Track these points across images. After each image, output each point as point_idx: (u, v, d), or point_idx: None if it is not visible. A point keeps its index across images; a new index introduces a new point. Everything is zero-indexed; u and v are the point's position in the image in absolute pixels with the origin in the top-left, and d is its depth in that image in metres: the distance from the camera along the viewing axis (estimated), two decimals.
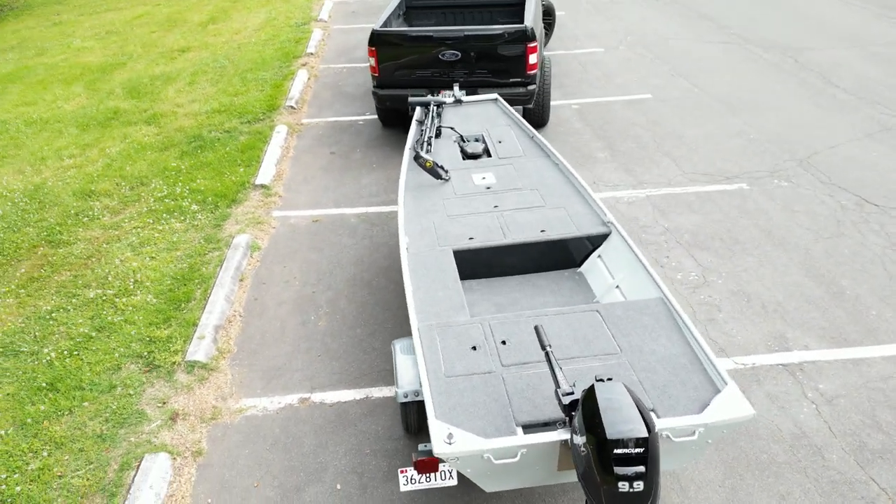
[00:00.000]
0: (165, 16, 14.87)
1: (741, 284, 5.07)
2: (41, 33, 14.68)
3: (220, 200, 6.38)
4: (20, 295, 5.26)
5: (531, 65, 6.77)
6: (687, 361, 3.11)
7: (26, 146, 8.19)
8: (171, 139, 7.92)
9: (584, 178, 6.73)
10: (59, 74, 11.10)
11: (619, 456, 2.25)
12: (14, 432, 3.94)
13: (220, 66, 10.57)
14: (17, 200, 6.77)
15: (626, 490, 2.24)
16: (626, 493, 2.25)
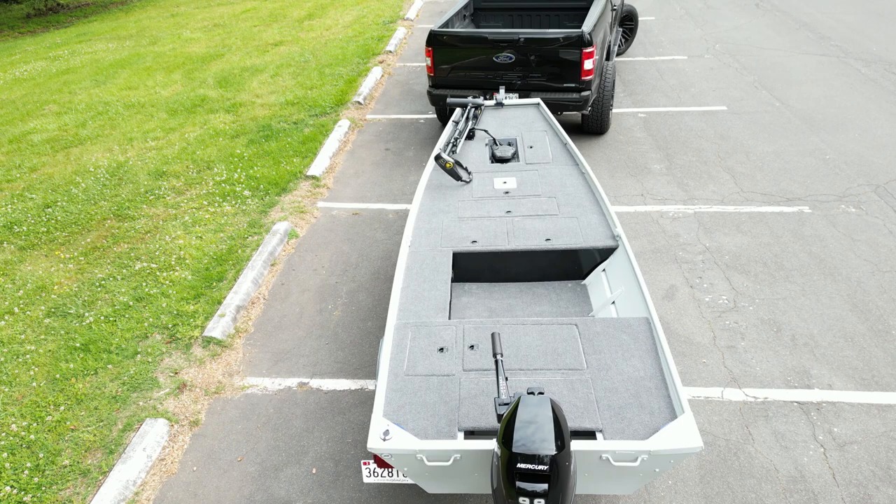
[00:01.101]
0: (269, 11, 15.67)
1: (774, 313, 4.77)
2: (158, 24, 15.87)
3: (271, 188, 6.70)
4: (81, 262, 5.77)
5: (586, 70, 6.64)
6: (652, 385, 2.99)
7: (120, 127, 8.92)
8: (243, 127, 8.38)
9: (632, 190, 6.53)
10: (164, 62, 11.98)
11: (522, 471, 2.22)
12: (45, 385, 4.36)
13: (304, 60, 11.04)
14: (100, 176, 7.41)
15: None
16: None
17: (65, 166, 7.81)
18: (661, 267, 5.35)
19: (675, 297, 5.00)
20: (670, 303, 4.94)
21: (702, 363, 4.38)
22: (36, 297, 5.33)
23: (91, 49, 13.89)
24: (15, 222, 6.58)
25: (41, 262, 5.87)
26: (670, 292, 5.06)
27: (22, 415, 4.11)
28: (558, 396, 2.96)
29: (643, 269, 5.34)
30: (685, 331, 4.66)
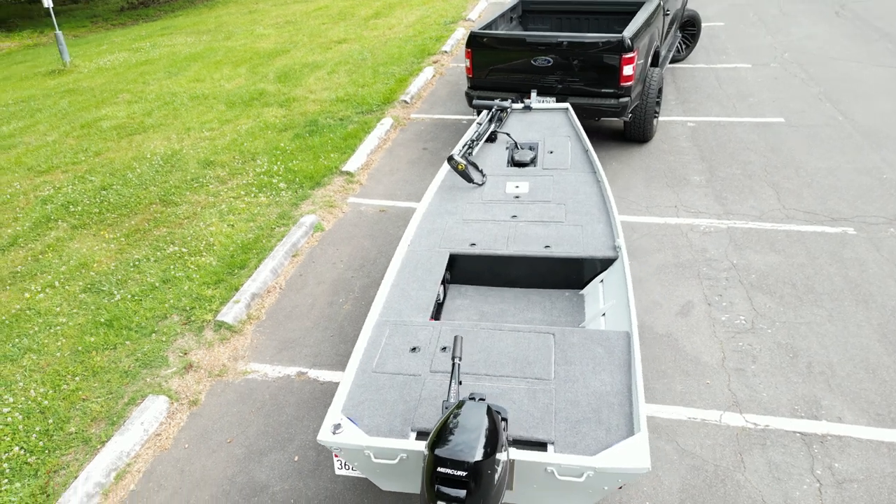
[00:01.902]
0: (339, 9, 16.06)
1: (793, 338, 4.54)
2: (236, 20, 16.55)
3: (306, 182, 6.90)
4: (122, 243, 6.13)
5: (626, 76, 6.48)
6: (616, 401, 2.92)
7: (182, 117, 9.38)
8: (292, 122, 8.65)
9: (665, 201, 6.34)
10: (234, 57, 12.49)
11: (442, 475, 2.22)
12: (68, 356, 4.66)
13: (362, 58, 11.27)
14: (155, 162, 7.82)
15: None
16: None
17: (126, 152, 8.28)
18: (680, 282, 5.18)
19: (690, 314, 4.83)
20: (683, 319, 4.78)
21: (705, 384, 4.22)
22: (77, 273, 5.69)
23: (171, 42, 14.64)
24: (72, 202, 7.04)
25: (88, 240, 6.26)
26: (686, 309, 4.89)
27: (43, 382, 4.42)
28: (517, 405, 2.93)
29: (662, 282, 5.18)
30: (693, 349, 4.49)
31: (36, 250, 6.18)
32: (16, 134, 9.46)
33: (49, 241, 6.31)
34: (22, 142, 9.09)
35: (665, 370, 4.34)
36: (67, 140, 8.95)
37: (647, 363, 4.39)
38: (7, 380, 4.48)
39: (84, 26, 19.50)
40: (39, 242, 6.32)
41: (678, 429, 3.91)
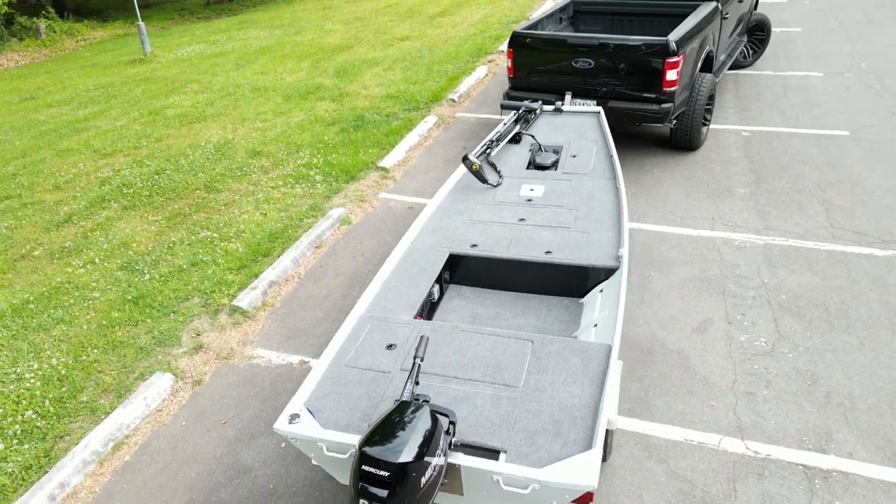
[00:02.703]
0: (408, 7, 16.23)
1: (816, 364, 4.26)
2: (309, 15, 17.01)
3: (341, 175, 7.01)
4: (162, 225, 6.42)
5: (669, 81, 6.25)
6: (579, 415, 2.83)
7: (240, 108, 9.73)
8: (341, 116, 8.81)
9: (703, 213, 6.08)
10: (300, 51, 12.84)
11: (365, 472, 2.22)
12: (93, 329, 4.92)
13: (419, 56, 11.35)
14: (207, 150, 8.14)
15: None
16: None
17: (184, 139, 8.66)
18: (703, 298, 4.95)
19: (707, 332, 4.61)
20: (698, 337, 4.57)
21: (709, 405, 4.02)
22: (117, 252, 6.00)
23: (245, 36, 15.20)
24: (127, 184, 7.42)
25: (134, 221, 6.59)
26: (703, 326, 4.68)
27: (66, 352, 4.69)
28: (478, 410, 2.89)
29: (684, 297, 4.98)
30: (704, 369, 4.29)
31: (86, 228, 6.55)
32: (89, 118, 10.06)
33: (100, 220, 6.68)
34: (93, 125, 9.66)
35: (669, 388, 4.17)
36: (134, 126, 9.45)
37: (652, 380, 4.23)
38: (37, 348, 4.78)
39: (172, 19, 20.51)
40: (91, 221, 6.70)
41: (672, 450, 3.75)
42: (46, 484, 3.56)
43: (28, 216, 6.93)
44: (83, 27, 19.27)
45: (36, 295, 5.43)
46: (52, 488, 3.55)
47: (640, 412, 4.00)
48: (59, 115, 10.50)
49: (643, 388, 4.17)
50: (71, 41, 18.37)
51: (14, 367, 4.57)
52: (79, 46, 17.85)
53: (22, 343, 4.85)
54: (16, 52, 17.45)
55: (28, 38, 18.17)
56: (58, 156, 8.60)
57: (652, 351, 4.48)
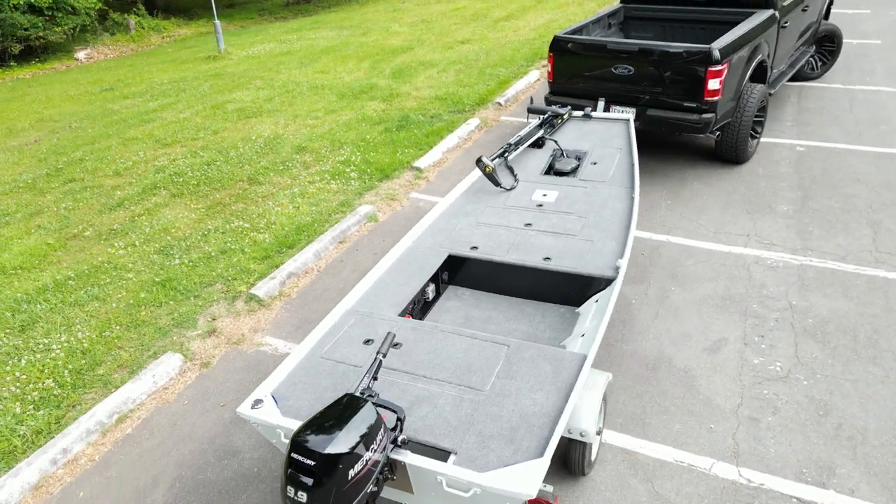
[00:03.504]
0: (475, 11, 16.29)
1: (831, 394, 4.02)
2: (379, 17, 17.33)
3: (376, 174, 7.12)
4: (202, 213, 6.70)
5: (710, 91, 6.03)
6: (537, 423, 2.78)
7: (296, 105, 10.03)
8: (387, 116, 8.95)
9: (738, 229, 5.83)
10: (362, 52, 13.11)
11: (294, 459, 2.26)
12: (122, 308, 5.20)
13: (475, 59, 11.37)
14: (257, 144, 8.44)
15: (291, 494, 2.25)
16: (291, 497, 2.25)
17: (238, 133, 9.01)
18: (722, 316, 4.75)
19: (719, 352, 4.42)
20: (709, 356, 4.39)
21: (708, 427, 3.86)
22: (157, 236, 6.31)
23: (314, 36, 15.65)
24: (179, 173, 7.79)
25: (179, 208, 6.91)
26: (717, 345, 4.49)
27: (94, 327, 4.97)
28: (437, 410, 2.88)
29: (702, 314, 4.79)
30: (709, 390, 4.12)
31: (135, 212, 6.92)
32: (158, 110, 10.60)
33: (148, 206, 7.04)
34: (160, 117, 10.18)
35: (668, 406, 4.02)
36: (196, 118, 9.90)
37: (652, 396, 4.09)
38: (69, 321, 5.09)
39: (252, 18, 21.34)
40: (140, 206, 7.07)
41: (659, 470, 3.62)
42: (50, 449, 3.79)
43: (86, 199, 7.38)
44: (169, 24, 20.33)
45: (78, 272, 5.77)
46: (55, 453, 3.78)
47: (633, 429, 3.88)
48: (132, 106, 11.12)
49: (641, 405, 4.05)
50: (157, 37, 19.41)
51: (45, 338, 4.88)
52: (163, 42, 18.84)
53: (57, 316, 5.17)
54: (106, 45, 18.59)
55: (119, 34, 19.31)
56: (123, 144, 9.11)
57: (657, 367, 4.33)
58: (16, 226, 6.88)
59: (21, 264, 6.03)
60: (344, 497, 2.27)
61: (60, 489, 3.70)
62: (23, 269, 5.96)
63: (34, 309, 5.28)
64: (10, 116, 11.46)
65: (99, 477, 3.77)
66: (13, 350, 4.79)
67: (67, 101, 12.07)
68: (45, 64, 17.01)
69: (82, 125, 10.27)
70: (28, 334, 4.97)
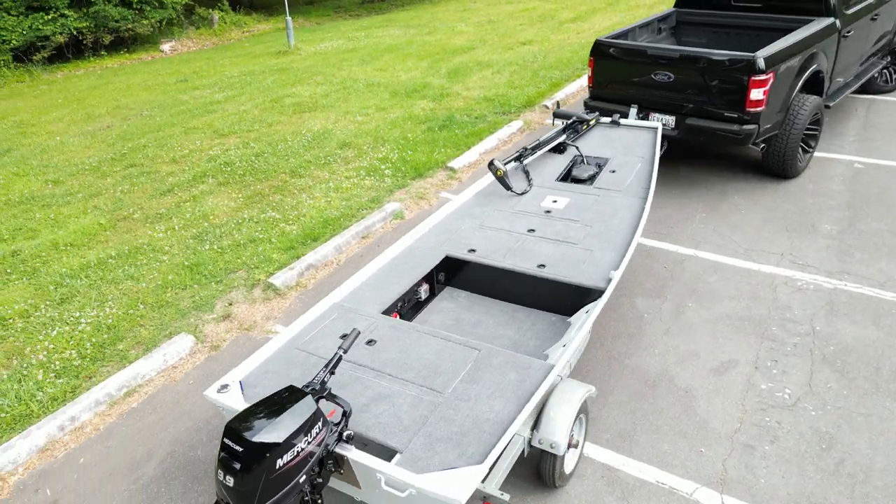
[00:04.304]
0: (543, 12, 16.14)
1: (839, 428, 3.79)
2: (447, 16, 17.44)
3: (410, 172, 7.20)
4: (241, 202, 6.97)
5: (753, 101, 5.77)
6: (488, 429, 2.77)
7: (349, 101, 10.26)
8: (433, 116, 9.01)
9: (774, 247, 5.56)
10: (424, 51, 13.24)
11: (226, 445, 2.34)
12: (151, 288, 5.48)
13: (532, 60, 11.28)
14: (306, 138, 8.69)
15: (220, 478, 2.34)
16: (221, 480, 2.34)
17: (290, 126, 9.30)
18: (736, 337, 4.56)
19: (726, 374, 4.25)
20: (714, 377, 4.22)
21: (698, 451, 3.72)
22: (196, 222, 6.61)
23: (382, 34, 15.91)
24: (229, 163, 8.12)
25: (222, 197, 7.21)
26: (725, 367, 4.31)
27: (123, 304, 5.26)
28: (394, 408, 2.91)
29: (715, 333, 4.61)
30: (707, 412, 3.97)
31: (182, 198, 7.26)
32: (222, 101, 11.07)
33: (195, 193, 7.37)
34: (222, 108, 10.62)
35: (660, 426, 3.90)
36: (255, 111, 10.27)
37: (645, 414, 3.98)
38: (103, 297, 5.41)
39: (327, 15, 21.91)
40: (188, 192, 7.41)
41: (638, 490, 3.52)
42: (60, 415, 4.06)
43: (141, 183, 7.80)
44: (250, 20, 21.14)
45: (119, 252, 6.12)
46: (64, 420, 4.04)
47: (619, 445, 3.79)
48: (200, 97, 11.65)
49: (632, 421, 3.94)
50: (237, 32, 20.22)
51: (78, 312, 5.20)
52: (242, 37, 19.60)
53: (94, 292, 5.50)
54: (190, 38, 19.52)
55: (203, 27, 20.24)
56: (184, 133, 9.56)
57: (657, 384, 4.20)
58: (76, 205, 7.34)
59: (73, 241, 6.44)
60: (273, 484, 2.34)
61: (64, 454, 3.95)
62: (73, 246, 6.36)
63: (75, 284, 5.63)
64: (92, 103, 12.22)
65: (100, 446, 4.00)
66: (48, 321, 5.14)
67: (144, 91, 12.76)
68: (132, 54, 18.03)
69: (152, 113, 10.84)
70: (65, 307, 5.31)
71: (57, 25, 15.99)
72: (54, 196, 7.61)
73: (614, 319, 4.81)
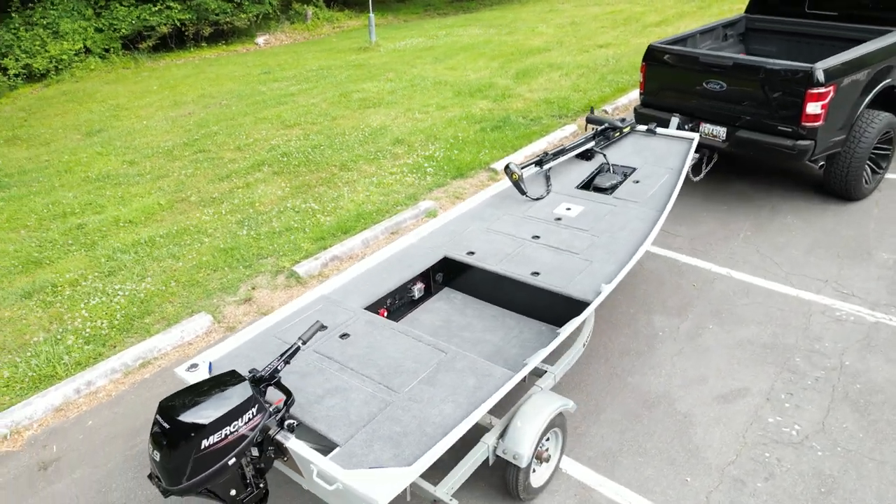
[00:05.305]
0: (629, 14, 15.69)
1: (844, 472, 3.51)
2: (531, 16, 17.29)
3: (452, 171, 7.20)
4: (287, 192, 7.21)
5: (809, 115, 5.40)
6: (430, 432, 2.75)
7: (413, 98, 10.38)
8: (490, 116, 8.97)
9: (818, 273, 5.19)
10: (498, 51, 13.19)
11: (156, 420, 2.45)
12: (187, 267, 5.78)
13: (604, 64, 11.00)
14: (363, 133, 8.87)
15: (150, 452, 2.45)
16: (150, 454, 2.45)
17: (352, 121, 9.52)
18: (753, 365, 4.29)
19: (733, 403, 4.01)
20: (719, 405, 4.00)
21: (683, 480, 3.54)
22: (243, 208, 6.90)
23: (462, 33, 15.97)
24: (287, 153, 8.42)
25: (272, 185, 7.49)
26: (733, 395, 4.07)
27: (159, 281, 5.58)
28: (346, 403, 2.94)
29: (730, 359, 4.37)
30: (703, 440, 3.76)
31: (236, 185, 7.60)
32: (295, 94, 11.47)
33: (249, 180, 7.70)
34: (294, 100, 11.01)
35: (648, 449, 3.73)
36: (322, 104, 10.59)
37: (635, 435, 3.82)
38: (144, 273, 5.75)
39: (416, 13, 22.21)
40: (243, 179, 7.75)
41: None
42: (78, 379, 4.36)
43: (204, 168, 8.22)
44: (342, 15, 21.76)
45: (169, 231, 6.48)
46: (81, 384, 4.34)
47: (601, 465, 3.66)
48: (277, 89, 12.12)
49: (620, 441, 3.79)
50: (328, 28, 20.87)
51: (119, 285, 5.56)
52: (332, 33, 20.22)
53: (137, 267, 5.86)
54: (284, 32, 20.33)
55: (297, 22, 21.03)
56: (254, 122, 9.99)
57: (655, 406, 4.02)
58: (143, 185, 7.84)
59: (132, 218, 6.88)
60: (199, 463, 2.42)
61: (76, 415, 4.24)
62: (131, 223, 6.80)
63: (123, 258, 6.01)
64: (182, 91, 12.97)
65: (108, 411, 4.27)
66: (92, 291, 5.52)
67: (230, 81, 13.41)
68: (229, 46, 18.98)
69: (230, 102, 11.39)
70: (109, 279, 5.69)
71: (162, 17, 17.06)
72: (127, 175, 8.14)
73: (626, 335, 4.64)
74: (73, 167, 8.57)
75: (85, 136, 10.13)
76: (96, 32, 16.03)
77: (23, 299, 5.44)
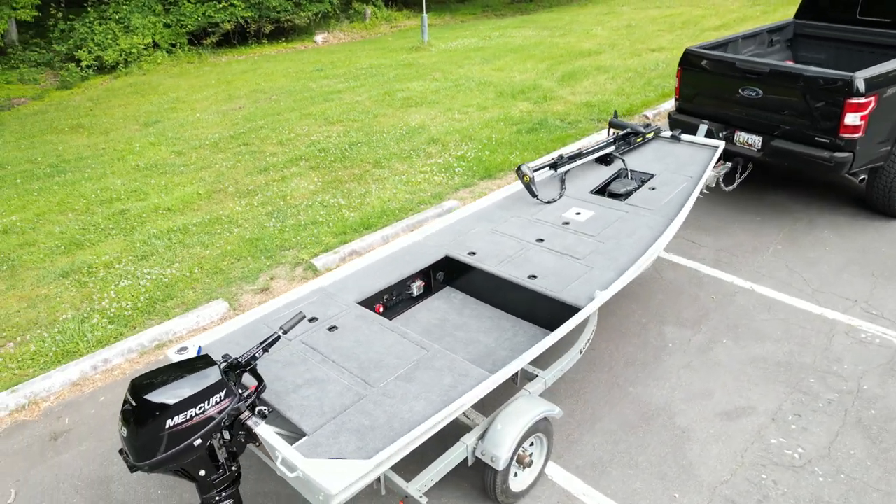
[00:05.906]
0: (688, 18, 15.29)
1: (845, 501, 3.34)
2: (588, 18, 17.07)
3: (480, 172, 7.19)
4: (319, 186, 7.35)
5: (848, 126, 5.15)
6: (398, 427, 2.77)
7: (456, 99, 10.41)
8: (528, 118, 8.91)
9: (849, 292, 4.95)
10: (548, 53, 13.08)
11: (126, 398, 2.55)
12: (214, 255, 5.97)
13: (652, 68, 10.76)
14: (401, 131, 8.96)
15: (119, 428, 2.55)
16: (119, 430, 2.55)
17: (392, 119, 9.63)
18: (764, 383, 4.13)
19: (736, 421, 3.87)
20: (720, 423, 3.86)
21: (671, 496, 3.44)
22: (274, 200, 7.08)
23: (515, 34, 15.91)
24: (325, 149, 8.58)
25: (306, 180, 7.65)
26: (737, 413, 3.93)
27: (185, 267, 5.78)
28: (321, 393, 2.99)
29: (740, 376, 4.22)
30: (698, 458, 3.65)
31: (272, 178, 7.80)
32: (342, 91, 11.68)
33: (285, 174, 7.88)
34: (340, 97, 11.21)
35: (640, 462, 3.64)
36: (366, 102, 10.74)
37: (628, 447, 3.73)
38: (173, 259, 5.97)
39: (473, 13, 22.24)
40: (279, 173, 7.94)
41: None
42: (97, 356, 4.57)
43: (245, 161, 8.46)
44: (400, 15, 21.99)
45: (202, 220, 6.71)
46: (98, 361, 4.54)
47: (588, 474, 3.59)
48: (326, 86, 12.36)
49: (611, 452, 3.71)
50: (386, 27, 21.13)
51: (149, 269, 5.79)
52: (389, 32, 20.46)
53: (168, 253, 6.09)
54: (342, 31, 20.70)
55: (356, 21, 21.38)
56: (299, 118, 10.22)
57: (653, 418, 3.92)
58: (186, 175, 8.13)
59: (172, 206, 7.15)
60: (164, 441, 2.50)
61: (91, 391, 4.45)
62: (170, 211, 7.06)
63: (157, 244, 6.26)
64: (237, 85, 13.38)
65: (121, 388, 4.45)
66: (124, 273, 5.77)
67: (283, 77, 13.75)
68: (289, 43, 19.45)
69: (279, 98, 11.68)
70: (141, 263, 5.93)
71: (226, 14, 17.63)
72: (173, 165, 8.46)
73: (634, 345, 4.54)
74: (125, 155, 8.96)
75: (142, 126, 10.57)
76: (164, 28, 16.69)
77: (60, 278, 5.73)
